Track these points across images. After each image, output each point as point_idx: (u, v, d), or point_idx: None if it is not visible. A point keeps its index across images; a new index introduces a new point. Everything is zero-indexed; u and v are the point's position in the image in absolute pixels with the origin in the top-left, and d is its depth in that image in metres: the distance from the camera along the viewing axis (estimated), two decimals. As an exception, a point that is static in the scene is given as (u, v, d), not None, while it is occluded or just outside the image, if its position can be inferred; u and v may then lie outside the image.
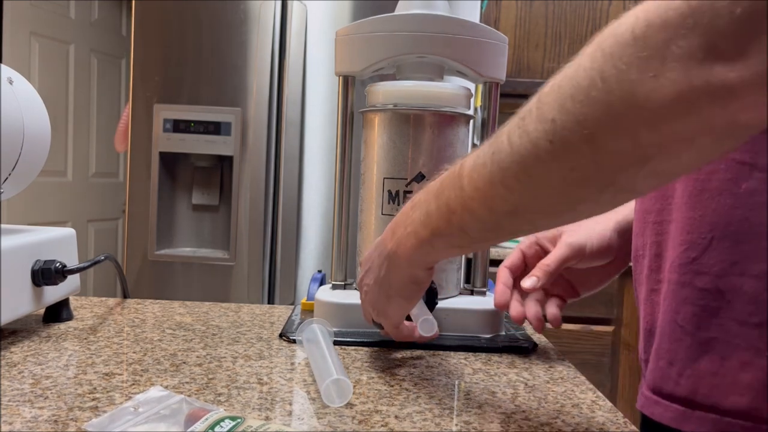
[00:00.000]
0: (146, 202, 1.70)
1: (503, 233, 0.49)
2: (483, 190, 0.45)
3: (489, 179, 0.44)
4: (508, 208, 0.45)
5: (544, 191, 0.42)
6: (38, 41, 2.60)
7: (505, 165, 0.42)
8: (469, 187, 0.46)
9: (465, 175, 0.47)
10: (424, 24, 0.73)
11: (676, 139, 0.35)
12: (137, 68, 1.69)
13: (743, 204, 0.48)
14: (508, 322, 0.82)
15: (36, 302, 0.71)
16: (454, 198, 0.48)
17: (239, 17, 1.67)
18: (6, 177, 0.71)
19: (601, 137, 0.36)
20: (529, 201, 0.43)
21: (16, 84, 0.73)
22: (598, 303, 1.96)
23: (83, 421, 0.47)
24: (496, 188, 0.44)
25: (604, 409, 0.56)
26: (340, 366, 0.56)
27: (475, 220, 0.48)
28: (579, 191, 0.40)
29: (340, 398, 0.53)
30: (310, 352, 0.62)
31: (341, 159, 0.80)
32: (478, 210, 0.47)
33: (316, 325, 0.67)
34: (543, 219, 0.46)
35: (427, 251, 0.54)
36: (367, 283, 0.62)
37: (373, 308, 0.63)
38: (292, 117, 1.65)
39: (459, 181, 0.47)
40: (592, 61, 0.36)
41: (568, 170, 0.39)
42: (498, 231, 0.49)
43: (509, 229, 0.48)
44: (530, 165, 0.41)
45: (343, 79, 0.79)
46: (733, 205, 0.48)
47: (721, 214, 0.49)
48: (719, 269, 0.49)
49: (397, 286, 0.59)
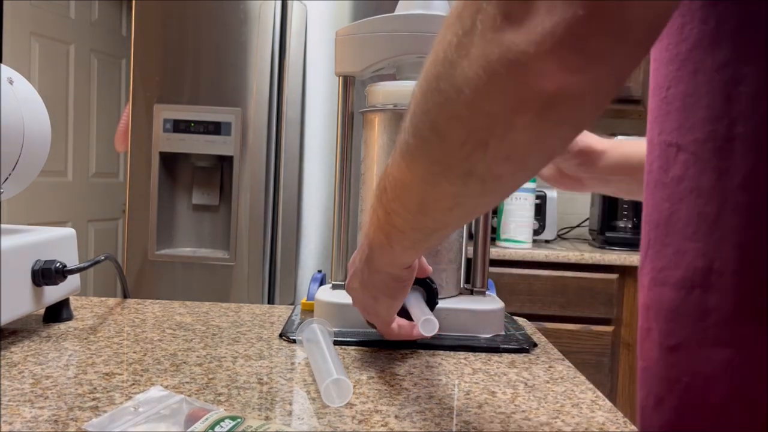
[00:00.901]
0: (146, 202, 1.70)
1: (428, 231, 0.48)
2: (394, 189, 0.45)
3: (393, 179, 0.45)
4: (415, 207, 0.44)
5: (427, 188, 0.41)
6: (38, 41, 2.60)
7: (398, 161, 0.43)
8: (389, 186, 0.46)
9: (387, 172, 0.46)
10: (424, 24, 0.73)
11: (496, 119, 0.33)
12: (137, 68, 1.70)
13: (670, 195, 0.38)
14: (508, 322, 0.82)
15: (36, 302, 0.71)
16: (385, 198, 0.48)
17: (239, 17, 1.67)
18: (6, 177, 0.71)
19: (441, 126, 0.36)
20: (423, 197, 0.43)
21: (17, 84, 0.73)
22: (598, 303, 1.96)
23: (83, 421, 0.47)
24: (399, 188, 0.44)
25: (604, 408, 0.56)
26: (340, 366, 0.56)
27: (403, 221, 0.47)
28: (448, 185, 0.39)
29: (340, 398, 0.53)
30: (310, 352, 0.62)
31: (341, 159, 0.80)
32: (399, 210, 0.46)
33: (316, 325, 0.67)
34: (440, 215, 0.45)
35: (390, 253, 0.53)
36: (353, 287, 0.62)
37: (363, 310, 0.64)
38: (292, 117, 1.65)
39: (385, 180, 0.47)
40: (433, 48, 0.36)
41: (430, 164, 0.39)
42: (422, 229, 0.48)
43: (428, 225, 0.47)
44: (408, 160, 0.41)
45: (343, 79, 0.79)
46: (663, 198, 0.39)
47: (654, 209, 0.40)
48: (649, 280, 0.40)
49: (380, 286, 0.59)
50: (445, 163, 0.38)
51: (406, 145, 0.41)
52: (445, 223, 0.47)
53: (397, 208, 0.46)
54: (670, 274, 0.38)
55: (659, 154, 0.39)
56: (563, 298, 1.96)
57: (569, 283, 1.96)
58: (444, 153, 0.37)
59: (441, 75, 0.34)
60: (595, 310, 1.97)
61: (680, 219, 0.37)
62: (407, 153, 0.41)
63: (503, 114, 0.32)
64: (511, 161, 0.36)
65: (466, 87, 0.32)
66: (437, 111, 0.36)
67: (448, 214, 0.44)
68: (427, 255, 0.74)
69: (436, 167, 0.39)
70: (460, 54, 0.32)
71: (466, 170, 0.37)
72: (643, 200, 0.42)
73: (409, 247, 0.53)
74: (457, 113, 0.34)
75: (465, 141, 0.35)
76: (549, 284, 1.96)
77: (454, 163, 0.37)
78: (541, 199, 2.28)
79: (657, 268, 0.39)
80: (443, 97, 0.34)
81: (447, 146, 0.37)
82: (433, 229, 0.48)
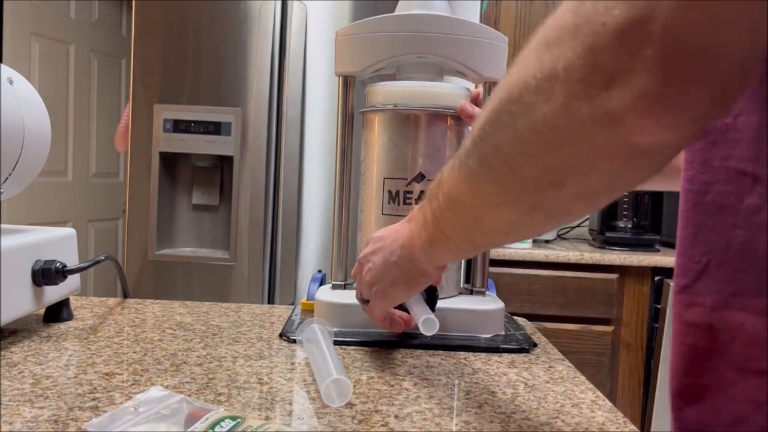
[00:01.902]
0: (146, 202, 1.70)
1: (476, 245, 0.51)
2: (450, 201, 0.47)
3: (449, 193, 0.46)
4: (470, 222, 0.46)
5: (488, 211, 0.43)
6: (38, 41, 2.60)
7: (457, 181, 0.44)
8: (443, 197, 0.47)
9: (442, 184, 0.48)
10: (424, 24, 0.73)
11: (577, 163, 0.34)
12: (137, 68, 1.70)
13: (746, 223, 0.39)
14: (508, 322, 0.82)
15: (36, 302, 0.71)
16: (437, 206, 0.49)
17: (239, 17, 1.67)
18: (6, 177, 0.71)
19: (513, 161, 0.37)
20: (481, 218, 0.44)
21: (17, 84, 0.73)
22: (598, 303, 1.96)
23: (83, 421, 0.47)
24: (456, 202, 0.46)
25: (604, 408, 0.56)
26: (340, 366, 0.56)
27: (453, 230, 0.49)
28: (511, 214, 0.41)
29: (340, 398, 0.53)
30: (310, 352, 0.62)
31: (341, 159, 0.80)
32: (452, 220, 0.48)
33: (316, 325, 0.67)
34: (494, 236, 0.47)
35: (430, 253, 0.55)
36: (373, 261, 0.63)
37: (371, 286, 0.64)
38: (292, 117, 1.65)
39: (438, 189, 0.48)
40: (506, 82, 0.36)
41: (497, 191, 0.40)
42: (471, 242, 0.50)
43: (478, 241, 0.49)
44: (472, 184, 0.42)
45: (343, 79, 0.79)
46: (734, 224, 0.39)
47: (719, 234, 0.41)
48: (714, 301, 0.41)
49: (404, 275, 0.60)
50: (513, 194, 0.39)
51: (470, 169, 0.42)
52: (495, 243, 0.51)
53: (450, 219, 0.48)
54: (752, 301, 0.38)
55: (726, 179, 0.40)
56: (563, 298, 1.96)
57: (569, 283, 1.96)
58: (514, 186, 0.38)
59: (516, 114, 0.34)
60: (595, 310, 1.97)
61: (760, 248, 0.38)
62: (472, 177, 0.42)
63: (586, 159, 0.33)
64: (582, 199, 0.37)
65: (547, 131, 0.33)
66: (511, 147, 0.36)
67: (503, 236, 0.46)
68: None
69: (501, 196, 0.40)
70: (541, 98, 0.32)
71: (533, 204, 0.39)
72: (686, 213, 0.43)
73: (450, 252, 0.54)
74: (535, 153, 0.35)
75: (539, 178, 0.36)
76: (549, 284, 1.96)
77: (523, 196, 0.39)
78: (541, 199, 2.28)
79: (729, 293, 0.40)
80: (518, 135, 0.35)
81: (518, 180, 0.38)
82: (483, 244, 0.50)
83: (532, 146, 0.35)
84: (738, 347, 0.39)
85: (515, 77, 0.35)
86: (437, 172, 0.74)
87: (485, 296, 0.79)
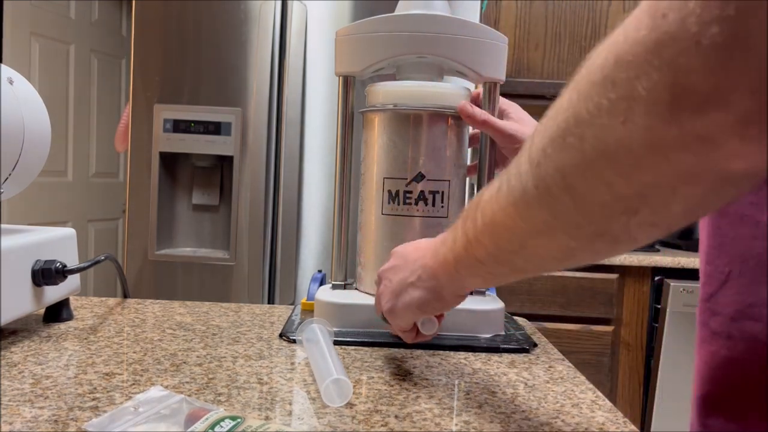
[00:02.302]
0: (146, 202, 1.70)
1: (515, 270, 0.46)
2: (490, 225, 0.43)
3: (491, 216, 0.43)
4: (511, 247, 0.43)
5: (536, 236, 0.39)
6: (38, 41, 2.60)
7: (503, 204, 0.41)
8: (481, 219, 0.45)
9: (480, 206, 0.45)
10: (424, 24, 0.73)
11: (656, 190, 0.31)
12: (137, 68, 1.70)
13: (765, 235, 0.40)
14: (508, 322, 0.82)
15: (36, 302, 0.71)
16: (471, 228, 0.46)
17: (239, 17, 1.67)
18: (6, 177, 0.71)
19: (578, 187, 0.34)
20: (525, 243, 0.41)
21: (17, 84, 0.73)
22: (598, 303, 1.96)
23: (83, 421, 0.47)
24: (498, 226, 0.42)
25: (604, 408, 0.56)
26: (341, 366, 0.56)
27: (487, 254, 0.46)
28: (568, 240, 0.38)
29: (341, 398, 0.53)
30: (310, 351, 0.62)
31: (341, 159, 0.80)
32: (488, 244, 0.45)
33: (316, 325, 0.67)
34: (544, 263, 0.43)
35: (454, 277, 0.52)
36: (390, 279, 0.60)
37: (385, 303, 0.61)
38: (292, 117, 1.65)
39: (475, 211, 0.46)
40: (569, 102, 0.33)
41: (552, 218, 0.37)
42: (508, 266, 0.46)
43: (518, 265, 0.45)
44: (522, 208, 0.39)
45: (343, 79, 0.79)
46: (753, 236, 0.40)
47: (740, 244, 0.41)
48: (733, 311, 0.42)
49: (419, 298, 0.57)
50: (572, 221, 0.36)
51: (521, 194, 0.38)
52: (542, 268, 0.46)
53: (486, 243, 0.45)
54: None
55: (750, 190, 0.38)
56: (563, 298, 1.96)
57: (569, 283, 1.96)
58: (575, 212, 0.35)
59: (585, 137, 0.32)
60: (595, 310, 1.97)
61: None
62: (521, 201, 0.39)
63: (667, 186, 0.31)
64: (656, 226, 0.34)
65: (623, 156, 0.30)
66: (576, 172, 0.33)
67: (553, 262, 0.42)
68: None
69: (557, 222, 0.37)
70: (616, 120, 0.29)
71: (598, 231, 0.36)
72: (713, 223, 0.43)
73: (477, 276, 0.51)
74: (606, 179, 0.32)
75: (608, 206, 0.33)
76: (549, 284, 1.96)
77: (585, 224, 0.36)
78: (541, 199, 2.28)
79: (746, 303, 0.40)
80: (586, 160, 0.32)
81: (581, 207, 0.35)
82: (523, 270, 0.46)
83: (603, 172, 0.32)
84: (755, 357, 0.39)
85: (582, 95, 0.32)
86: (437, 172, 0.74)
87: (485, 296, 0.79)
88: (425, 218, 0.74)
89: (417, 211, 0.74)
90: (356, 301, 0.75)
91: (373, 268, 0.76)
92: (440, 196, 0.75)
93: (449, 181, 0.75)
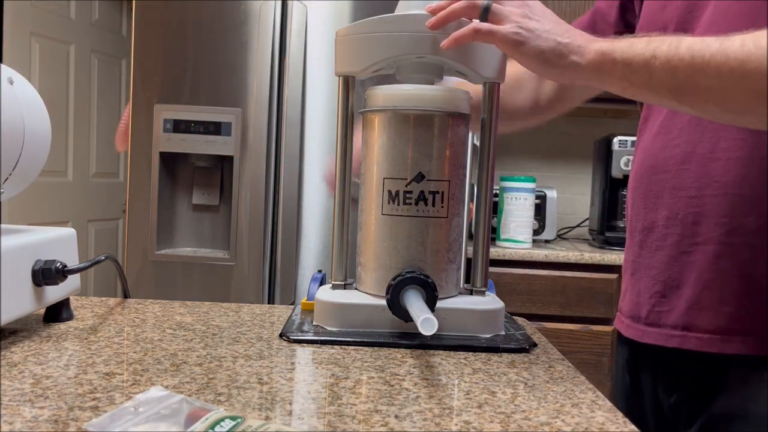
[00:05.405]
0: (146, 202, 1.70)
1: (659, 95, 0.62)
2: (699, 59, 0.57)
3: (702, 56, 0.57)
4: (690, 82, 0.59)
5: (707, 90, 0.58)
6: (38, 41, 2.60)
7: (724, 56, 0.56)
8: (688, 52, 0.57)
9: (684, 44, 0.58)
10: (424, 24, 0.73)
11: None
12: (137, 68, 1.70)
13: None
14: (508, 322, 0.82)
15: (36, 302, 0.71)
16: (665, 50, 0.58)
17: (239, 17, 1.67)
18: (6, 177, 0.71)
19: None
20: (698, 84, 0.59)
21: (17, 84, 0.73)
22: (597, 303, 1.96)
23: (83, 421, 0.48)
24: (705, 64, 0.57)
25: (604, 408, 0.56)
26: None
27: (664, 70, 0.59)
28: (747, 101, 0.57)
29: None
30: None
31: (341, 159, 0.80)
32: (679, 66, 0.58)
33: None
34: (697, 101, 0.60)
35: (597, 66, 0.63)
36: (539, 18, 0.68)
37: (527, 21, 0.67)
38: (292, 117, 1.65)
39: (678, 42, 0.58)
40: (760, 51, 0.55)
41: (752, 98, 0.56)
42: (666, 90, 0.60)
43: (687, 99, 0.60)
44: (736, 71, 0.56)
45: (343, 79, 0.79)
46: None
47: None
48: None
49: (560, 48, 0.65)
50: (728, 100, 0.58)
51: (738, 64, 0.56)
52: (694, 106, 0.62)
53: (677, 65, 0.59)
54: None
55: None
56: (563, 298, 1.97)
57: (569, 283, 1.96)
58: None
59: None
60: (594, 310, 1.97)
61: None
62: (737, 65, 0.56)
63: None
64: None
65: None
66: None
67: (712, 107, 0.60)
68: (426, 254, 0.74)
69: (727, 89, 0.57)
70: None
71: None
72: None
73: (618, 77, 0.62)
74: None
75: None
76: (549, 284, 1.96)
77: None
78: (541, 199, 2.28)
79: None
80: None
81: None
82: (687, 102, 0.61)
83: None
84: None
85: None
86: (437, 172, 0.74)
87: (485, 296, 0.79)
88: (425, 218, 0.74)
89: (417, 212, 0.74)
90: (356, 301, 0.75)
91: (373, 268, 0.76)
92: (440, 197, 0.75)
93: (449, 181, 0.75)
